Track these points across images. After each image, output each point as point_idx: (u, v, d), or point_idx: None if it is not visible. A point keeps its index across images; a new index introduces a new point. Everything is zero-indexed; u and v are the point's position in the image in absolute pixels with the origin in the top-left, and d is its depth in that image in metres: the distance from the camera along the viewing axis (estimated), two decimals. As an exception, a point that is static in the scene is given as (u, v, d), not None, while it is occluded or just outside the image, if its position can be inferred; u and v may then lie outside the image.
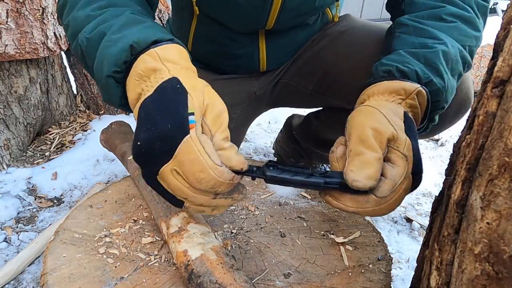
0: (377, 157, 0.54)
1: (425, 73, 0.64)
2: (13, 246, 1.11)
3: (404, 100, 0.62)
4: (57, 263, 0.62)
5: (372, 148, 0.54)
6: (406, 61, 0.66)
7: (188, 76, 0.57)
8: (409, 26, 0.73)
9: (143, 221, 0.73)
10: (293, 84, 1.11)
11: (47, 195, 1.34)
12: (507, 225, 0.34)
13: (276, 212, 0.78)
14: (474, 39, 0.73)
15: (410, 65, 0.65)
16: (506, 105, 0.37)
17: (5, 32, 1.32)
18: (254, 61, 1.04)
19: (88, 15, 0.64)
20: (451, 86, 0.67)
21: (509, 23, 0.44)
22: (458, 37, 0.71)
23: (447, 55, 0.67)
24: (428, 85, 0.64)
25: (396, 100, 0.62)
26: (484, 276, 0.37)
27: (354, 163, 0.54)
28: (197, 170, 0.49)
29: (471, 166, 0.42)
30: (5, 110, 1.45)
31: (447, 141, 1.98)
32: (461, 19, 0.73)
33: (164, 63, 0.56)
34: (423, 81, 0.64)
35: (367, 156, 0.54)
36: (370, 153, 0.54)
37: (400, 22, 0.76)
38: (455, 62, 0.68)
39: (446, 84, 0.65)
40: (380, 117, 0.58)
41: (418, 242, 1.24)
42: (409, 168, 0.55)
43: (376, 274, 0.64)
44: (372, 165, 0.53)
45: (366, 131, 0.56)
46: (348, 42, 1.00)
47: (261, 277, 0.62)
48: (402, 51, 0.69)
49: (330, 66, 1.02)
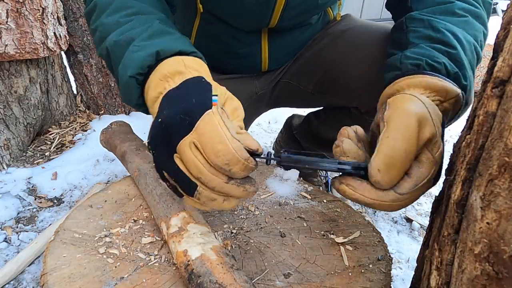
0: (410, 156, 0.51)
1: (453, 68, 0.62)
2: (13, 246, 1.11)
3: (442, 102, 0.59)
4: (57, 263, 0.62)
5: (410, 141, 0.51)
6: (433, 55, 0.63)
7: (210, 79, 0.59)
8: (423, 20, 0.71)
9: (143, 221, 0.73)
10: (294, 84, 1.12)
11: (47, 195, 1.34)
12: (507, 225, 0.34)
13: (276, 212, 0.78)
14: (483, 35, 0.72)
15: (438, 58, 0.62)
16: (506, 105, 0.37)
17: (5, 32, 1.32)
18: (256, 60, 1.05)
19: (117, 21, 0.67)
20: (472, 81, 0.65)
21: (509, 23, 0.44)
22: (470, 31, 0.69)
23: (465, 50, 0.66)
24: (456, 81, 0.61)
25: (435, 100, 0.59)
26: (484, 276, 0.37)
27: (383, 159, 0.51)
28: (216, 141, 0.49)
29: (471, 166, 0.42)
30: (5, 110, 1.45)
31: (447, 141, 1.98)
32: (471, 14, 0.72)
33: (188, 69, 0.59)
34: (452, 77, 0.61)
35: (399, 151, 0.51)
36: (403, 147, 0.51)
37: (412, 17, 0.74)
38: (472, 57, 0.67)
39: (469, 79, 0.64)
40: (426, 112, 0.53)
41: (418, 242, 1.24)
42: (434, 173, 0.54)
43: (376, 274, 0.64)
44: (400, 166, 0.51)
45: (411, 119, 0.51)
46: (348, 41, 1.01)
47: (261, 277, 0.62)
48: (423, 45, 0.66)
49: (331, 65, 1.02)
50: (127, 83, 0.62)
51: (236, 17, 0.94)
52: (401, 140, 0.51)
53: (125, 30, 0.65)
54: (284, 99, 1.19)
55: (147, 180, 0.77)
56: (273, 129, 2.02)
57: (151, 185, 0.75)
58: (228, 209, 0.59)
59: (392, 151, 0.51)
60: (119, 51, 0.64)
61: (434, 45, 0.66)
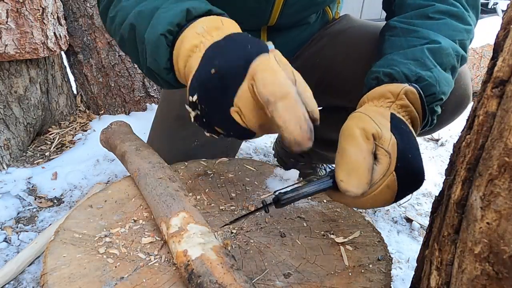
0: (364, 155, 0.54)
1: (412, 70, 0.65)
2: (13, 246, 1.11)
3: (393, 102, 0.63)
4: (57, 263, 0.62)
5: (358, 144, 0.55)
6: (392, 63, 0.67)
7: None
8: (397, 28, 0.76)
9: (143, 221, 0.73)
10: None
11: (47, 195, 1.34)
12: (507, 225, 0.34)
13: (276, 212, 0.78)
14: (465, 32, 0.74)
15: (396, 66, 0.66)
16: (506, 105, 0.37)
17: (5, 32, 1.32)
18: None
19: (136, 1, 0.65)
20: (443, 77, 0.68)
21: (509, 23, 0.44)
22: (447, 33, 0.72)
23: (435, 49, 0.69)
24: (418, 81, 0.65)
25: (384, 104, 0.63)
26: (484, 276, 0.37)
27: (342, 167, 0.54)
28: (269, 73, 0.45)
29: (471, 166, 0.42)
30: (5, 110, 1.45)
31: (447, 141, 1.98)
32: (449, 15, 0.75)
33: (226, 25, 0.55)
34: (412, 78, 0.65)
35: (353, 156, 0.54)
36: (356, 150, 0.54)
37: (389, 25, 0.79)
38: (446, 56, 0.69)
39: (436, 76, 0.66)
40: (366, 119, 0.59)
41: (418, 242, 1.24)
42: (392, 165, 0.55)
43: (376, 274, 0.64)
44: (360, 169, 0.53)
45: (352, 130, 0.57)
46: (347, 41, 1.01)
47: (261, 277, 0.62)
48: (389, 55, 0.71)
49: (329, 65, 1.03)
50: (157, 42, 0.58)
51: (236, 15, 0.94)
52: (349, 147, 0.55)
53: (149, 2, 0.63)
54: None
55: (147, 180, 0.77)
56: (273, 129, 2.01)
57: (151, 185, 0.75)
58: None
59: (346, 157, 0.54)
60: (146, 19, 0.60)
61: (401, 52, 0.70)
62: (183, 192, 0.74)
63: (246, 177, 0.90)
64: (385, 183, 0.55)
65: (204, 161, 0.96)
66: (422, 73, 0.65)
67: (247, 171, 0.92)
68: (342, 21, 1.08)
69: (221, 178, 0.89)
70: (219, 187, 0.86)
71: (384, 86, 0.65)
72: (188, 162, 0.95)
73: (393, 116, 0.61)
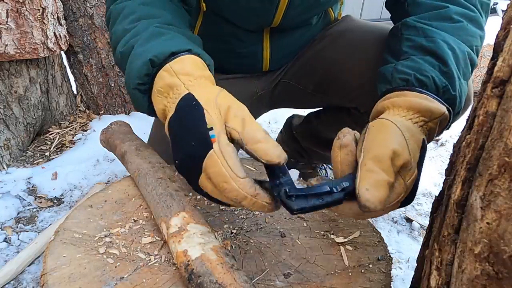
0: (390, 182, 0.52)
1: (442, 81, 0.64)
2: (13, 246, 1.11)
3: (426, 123, 0.61)
4: (57, 263, 0.62)
5: (387, 171, 0.52)
6: (423, 68, 0.65)
7: (202, 86, 0.60)
8: (417, 28, 0.72)
9: (143, 221, 0.73)
10: (294, 84, 1.12)
11: (47, 195, 1.34)
12: (507, 225, 0.34)
13: (276, 212, 0.78)
14: (480, 39, 0.73)
15: (427, 72, 0.64)
16: (506, 105, 0.37)
17: (5, 32, 1.32)
18: (257, 60, 1.05)
19: (124, 29, 0.69)
20: (464, 90, 0.67)
21: (509, 23, 0.44)
22: (465, 38, 0.70)
23: (458, 60, 0.67)
24: (444, 93, 0.63)
25: (419, 121, 0.60)
26: (484, 276, 0.37)
27: (369, 181, 0.51)
28: (221, 180, 0.52)
29: (471, 166, 0.42)
30: (5, 110, 1.45)
31: (447, 141, 1.98)
32: (466, 19, 0.72)
33: (179, 77, 0.60)
34: (441, 91, 0.63)
35: (380, 178, 0.52)
36: (384, 176, 0.52)
37: (407, 23, 0.75)
38: (465, 66, 0.68)
39: (459, 89, 0.65)
40: (401, 140, 0.56)
41: (418, 242, 1.24)
42: (403, 198, 0.55)
43: (376, 274, 0.64)
44: (385, 189, 0.51)
45: (386, 151, 0.53)
46: (348, 41, 1.01)
47: (261, 277, 0.62)
48: (416, 58, 0.68)
49: (331, 65, 1.03)
50: (133, 94, 0.65)
51: (240, 16, 0.94)
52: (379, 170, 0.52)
53: (129, 38, 0.67)
54: (284, 99, 1.19)
55: (147, 180, 0.77)
56: (273, 129, 2.02)
57: (151, 185, 0.75)
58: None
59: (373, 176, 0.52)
60: (124, 63, 0.67)
61: (425, 57, 0.67)
62: (183, 192, 0.74)
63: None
64: (389, 210, 0.56)
65: (204, 161, 0.96)
66: (450, 87, 0.64)
67: (247, 171, 0.92)
68: (343, 22, 1.08)
69: (221, 178, 0.89)
70: (219, 187, 0.86)
71: (424, 100, 0.61)
72: (188, 162, 0.95)
73: (424, 145, 0.58)
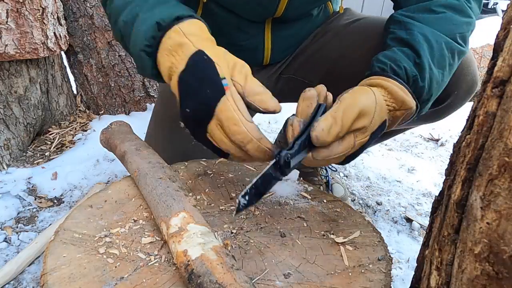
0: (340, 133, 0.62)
1: (413, 72, 0.71)
2: (13, 246, 1.11)
3: (395, 110, 0.69)
4: (57, 263, 0.62)
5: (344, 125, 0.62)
6: (398, 59, 0.73)
7: (209, 46, 0.67)
8: (400, 22, 0.79)
9: (143, 221, 0.73)
10: (298, 78, 1.14)
11: (47, 195, 1.34)
12: (507, 225, 0.34)
13: (276, 212, 0.78)
14: (465, 25, 0.78)
15: (401, 63, 0.72)
16: (506, 105, 0.37)
17: (5, 32, 1.32)
18: (259, 52, 1.06)
19: (124, 2, 0.74)
20: (435, 78, 0.74)
21: (509, 23, 0.44)
22: (446, 28, 0.76)
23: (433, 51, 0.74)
24: (414, 83, 0.71)
25: (390, 105, 0.69)
26: (484, 276, 0.37)
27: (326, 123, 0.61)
28: (232, 123, 0.59)
29: (471, 166, 0.42)
30: (5, 110, 1.45)
31: (447, 141, 1.98)
32: (449, 9, 0.78)
33: (188, 37, 0.66)
34: (411, 79, 0.71)
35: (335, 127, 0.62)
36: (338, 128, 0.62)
37: (392, 18, 0.83)
38: (441, 56, 0.75)
39: (429, 80, 0.73)
40: (371, 107, 0.65)
41: (418, 242, 1.24)
42: (348, 153, 0.65)
43: (376, 274, 0.64)
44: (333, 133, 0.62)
45: (354, 109, 0.63)
46: (354, 33, 1.04)
47: (261, 277, 0.62)
48: (395, 49, 0.75)
49: (338, 57, 1.05)
50: (139, 56, 0.70)
51: (244, 5, 0.95)
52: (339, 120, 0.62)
53: (132, 8, 0.72)
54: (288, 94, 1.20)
55: (147, 180, 0.77)
56: (273, 129, 2.02)
57: (151, 185, 0.75)
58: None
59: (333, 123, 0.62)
60: (128, 30, 0.72)
61: (403, 49, 0.74)
62: (183, 192, 0.74)
63: (246, 177, 0.90)
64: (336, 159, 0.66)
65: (204, 161, 0.96)
66: (419, 78, 0.71)
67: (247, 171, 0.92)
68: (345, 15, 1.10)
69: (221, 178, 0.89)
70: (219, 187, 0.86)
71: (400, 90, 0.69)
72: (188, 162, 0.95)
73: (384, 124, 0.68)
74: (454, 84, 0.88)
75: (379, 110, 0.66)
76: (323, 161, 0.65)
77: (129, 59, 1.81)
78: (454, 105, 0.95)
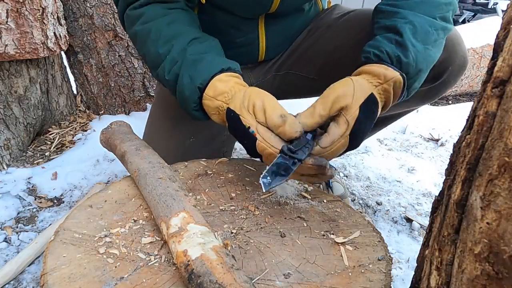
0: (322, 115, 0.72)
1: (394, 52, 0.77)
2: (13, 246, 1.11)
3: (381, 84, 0.75)
4: (57, 263, 0.62)
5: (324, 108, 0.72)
6: (380, 45, 0.78)
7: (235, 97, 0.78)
8: (383, 11, 0.86)
9: (143, 221, 0.73)
10: (295, 73, 1.16)
11: (47, 195, 1.34)
12: (507, 225, 0.34)
13: (276, 212, 0.78)
14: (444, 6, 0.83)
15: (382, 48, 0.78)
16: (506, 105, 0.37)
17: (5, 32, 1.32)
18: (254, 49, 1.09)
19: (158, 53, 0.85)
20: (421, 54, 0.79)
21: (509, 23, 0.44)
22: (427, 9, 0.82)
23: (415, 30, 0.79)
24: (398, 61, 0.77)
25: (374, 82, 0.75)
26: (484, 276, 0.37)
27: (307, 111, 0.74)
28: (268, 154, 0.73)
29: (471, 166, 0.42)
30: (5, 110, 1.45)
31: (447, 141, 1.98)
32: None
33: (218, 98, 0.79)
34: (394, 59, 0.77)
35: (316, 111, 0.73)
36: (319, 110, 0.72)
37: (377, 8, 0.88)
38: (425, 33, 0.80)
39: (414, 56, 0.77)
40: (348, 89, 0.73)
41: (418, 242, 1.24)
42: (348, 131, 0.71)
43: (376, 274, 0.64)
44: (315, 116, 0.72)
45: (331, 96, 0.73)
46: (346, 25, 1.07)
47: (261, 277, 0.62)
48: (379, 37, 0.81)
49: (333, 49, 1.07)
50: (193, 115, 0.85)
51: (239, 3, 0.96)
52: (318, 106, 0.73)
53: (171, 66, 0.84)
54: (285, 90, 1.20)
55: (147, 180, 0.77)
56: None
57: (151, 185, 0.75)
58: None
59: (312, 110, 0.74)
60: (172, 88, 0.86)
61: (386, 34, 0.80)
62: (183, 192, 0.74)
63: (246, 177, 0.90)
64: (341, 143, 0.72)
65: (204, 161, 0.96)
66: (401, 56, 0.76)
67: (247, 171, 0.92)
68: (335, 11, 1.14)
69: (221, 178, 0.89)
70: (219, 187, 0.86)
71: (382, 68, 0.76)
72: (188, 162, 0.95)
73: (372, 97, 0.74)
74: (447, 60, 0.92)
75: (359, 89, 0.73)
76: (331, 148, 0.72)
77: (129, 59, 1.81)
78: (449, 82, 0.99)
